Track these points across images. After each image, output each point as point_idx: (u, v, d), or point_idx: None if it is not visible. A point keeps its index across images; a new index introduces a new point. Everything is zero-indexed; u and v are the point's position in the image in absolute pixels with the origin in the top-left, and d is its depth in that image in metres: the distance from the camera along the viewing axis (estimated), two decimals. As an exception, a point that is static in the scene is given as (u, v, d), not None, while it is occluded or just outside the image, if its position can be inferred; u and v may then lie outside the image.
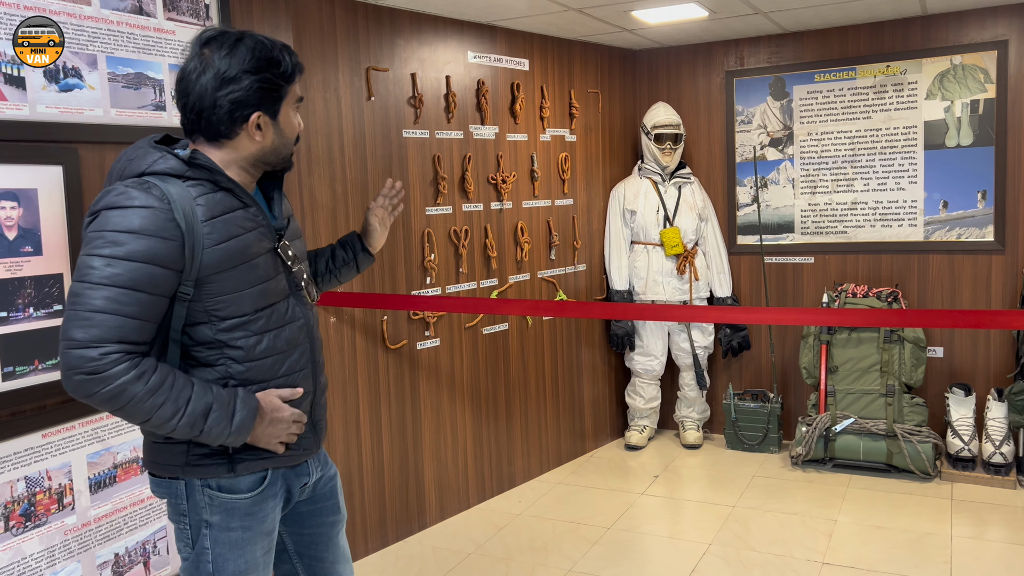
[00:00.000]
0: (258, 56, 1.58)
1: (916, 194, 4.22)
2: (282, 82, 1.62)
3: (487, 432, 3.89)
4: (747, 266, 4.64)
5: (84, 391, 1.47)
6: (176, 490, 1.66)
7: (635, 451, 4.56)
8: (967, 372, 4.19)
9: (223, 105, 1.56)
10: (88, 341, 1.46)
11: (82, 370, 1.46)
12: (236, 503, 1.66)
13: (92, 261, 1.47)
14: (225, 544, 1.66)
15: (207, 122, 1.59)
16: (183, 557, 1.70)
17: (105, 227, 1.48)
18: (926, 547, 3.26)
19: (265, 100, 1.60)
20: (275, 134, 1.65)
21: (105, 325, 1.46)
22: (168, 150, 1.58)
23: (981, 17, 4.00)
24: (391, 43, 3.37)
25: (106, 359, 1.46)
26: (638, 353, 4.55)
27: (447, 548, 3.41)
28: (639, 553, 3.32)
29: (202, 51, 1.58)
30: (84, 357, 1.46)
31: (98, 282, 1.46)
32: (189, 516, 1.66)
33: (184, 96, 1.60)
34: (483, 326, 3.83)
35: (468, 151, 3.72)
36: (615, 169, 4.63)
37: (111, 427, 2.31)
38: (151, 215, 1.49)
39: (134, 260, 1.48)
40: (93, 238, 1.49)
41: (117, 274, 1.47)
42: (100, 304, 1.46)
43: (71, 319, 1.47)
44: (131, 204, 1.49)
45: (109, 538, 2.31)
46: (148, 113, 2.39)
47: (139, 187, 1.51)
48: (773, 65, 4.46)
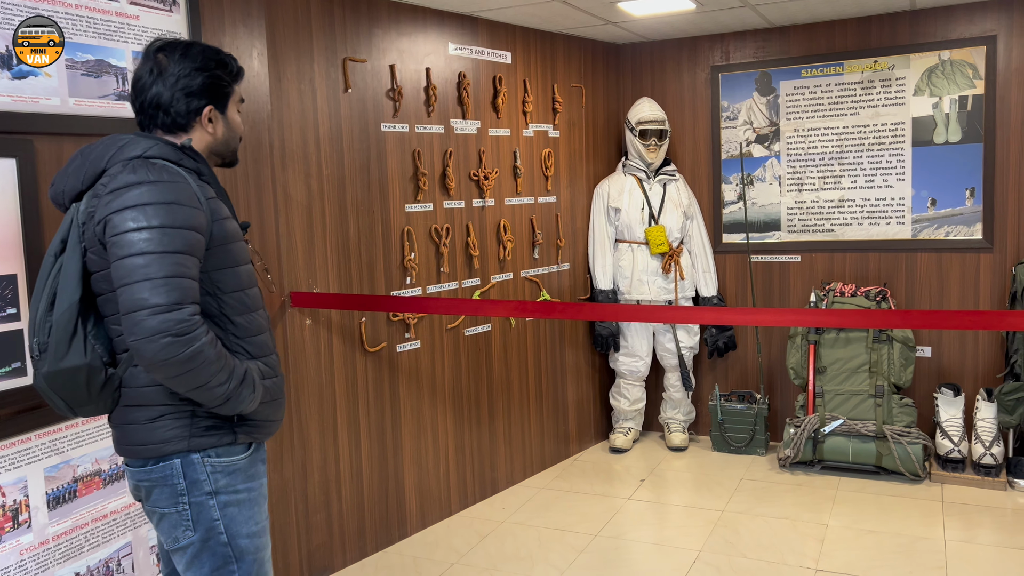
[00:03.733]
0: (209, 57, 1.76)
1: (904, 191, 4.16)
2: (229, 80, 1.80)
3: (469, 436, 3.77)
4: (733, 265, 4.56)
5: (168, 354, 1.54)
6: (172, 471, 1.70)
7: (620, 454, 4.46)
8: (956, 372, 4.14)
9: (180, 98, 1.72)
10: (173, 304, 1.54)
11: (171, 332, 1.53)
12: (237, 464, 1.75)
13: (145, 233, 1.56)
14: (235, 507, 1.74)
15: (165, 114, 1.73)
16: (182, 544, 1.71)
17: (144, 200, 1.57)
18: (920, 552, 3.19)
19: (216, 96, 1.77)
20: (224, 127, 1.81)
21: (181, 288, 1.57)
22: (158, 138, 1.70)
23: (970, 12, 3.95)
24: (369, 33, 3.24)
25: (192, 319, 1.57)
26: (623, 354, 4.45)
27: (428, 558, 3.29)
28: (628, 561, 3.22)
29: (156, 56, 1.74)
30: (172, 319, 1.54)
31: (162, 250, 1.56)
32: (189, 495, 1.70)
33: (140, 94, 1.74)
34: (465, 327, 3.71)
35: (449, 146, 3.60)
36: (599, 166, 4.52)
37: (70, 438, 2.16)
38: (181, 187, 1.63)
39: (182, 227, 1.60)
40: (133, 212, 1.56)
41: (174, 240, 1.58)
42: (172, 269, 1.56)
43: (147, 287, 1.53)
44: (160, 179, 1.61)
45: (69, 557, 2.17)
46: (110, 103, 2.24)
47: (155, 166, 1.62)
48: (759, 60, 4.38)
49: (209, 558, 1.72)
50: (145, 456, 1.70)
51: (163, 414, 1.69)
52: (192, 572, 1.74)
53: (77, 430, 2.17)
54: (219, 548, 1.72)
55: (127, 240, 1.55)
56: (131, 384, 1.70)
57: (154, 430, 1.69)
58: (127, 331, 1.55)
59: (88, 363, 1.65)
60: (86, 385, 1.66)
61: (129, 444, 1.72)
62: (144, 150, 1.66)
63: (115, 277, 1.57)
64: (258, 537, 1.78)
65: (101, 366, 1.68)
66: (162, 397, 1.69)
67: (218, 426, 1.72)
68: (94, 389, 1.68)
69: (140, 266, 1.54)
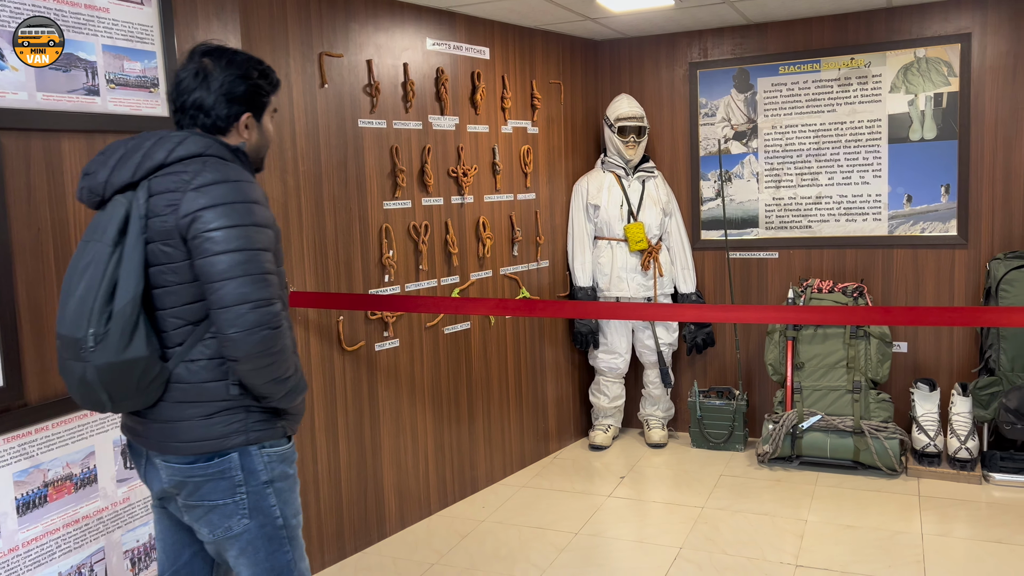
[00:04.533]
0: (252, 67, 1.83)
1: (880, 188, 4.19)
2: (269, 89, 1.87)
3: (449, 435, 3.74)
4: (711, 261, 4.57)
5: (264, 345, 1.66)
6: (230, 465, 1.76)
7: (600, 451, 4.45)
8: (931, 367, 4.18)
9: (221, 103, 1.79)
10: (270, 299, 1.67)
11: (269, 325, 1.66)
12: (286, 452, 1.85)
13: (240, 231, 1.65)
14: (286, 492, 1.84)
15: (206, 116, 1.79)
16: (236, 533, 1.77)
17: (231, 199, 1.66)
18: (898, 546, 3.21)
19: (254, 104, 1.84)
20: (259, 134, 1.88)
21: (272, 284, 1.69)
22: (214, 138, 1.77)
23: (945, 10, 3.98)
24: (345, 27, 3.19)
25: (281, 313, 1.71)
26: (602, 351, 4.44)
27: (408, 559, 3.25)
28: (609, 559, 3.21)
29: (202, 60, 1.80)
30: (270, 313, 1.66)
31: (259, 247, 1.67)
32: (247, 485, 1.77)
33: (183, 95, 1.80)
34: (444, 325, 3.67)
35: (427, 142, 3.56)
36: (577, 162, 4.51)
37: (40, 442, 2.10)
38: (256, 188, 1.73)
39: (265, 226, 1.71)
40: (223, 209, 1.64)
41: (265, 238, 1.70)
42: (266, 266, 1.68)
43: (249, 283, 1.64)
44: (241, 178, 1.70)
45: (40, 563, 2.11)
46: (79, 98, 2.18)
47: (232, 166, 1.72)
48: (737, 57, 4.38)
49: (264, 543, 1.80)
50: (202, 452, 1.74)
51: (219, 410, 1.74)
52: (247, 558, 1.80)
53: (47, 433, 2.11)
54: (275, 532, 1.81)
55: (222, 236, 1.63)
56: (187, 380, 1.73)
57: (212, 426, 1.74)
58: (226, 324, 1.63)
59: (148, 355, 1.68)
60: (138, 378, 1.68)
61: (181, 441, 1.73)
62: (204, 148, 1.73)
63: (210, 272, 1.64)
64: (299, 515, 1.89)
65: (158, 359, 1.71)
66: (220, 393, 1.74)
67: (269, 420, 1.81)
68: (143, 383, 1.69)
69: (240, 262, 1.64)
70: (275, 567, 1.82)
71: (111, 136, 2.24)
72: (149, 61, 2.35)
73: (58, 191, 2.14)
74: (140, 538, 2.35)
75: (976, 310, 3.48)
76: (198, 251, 1.64)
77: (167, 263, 1.69)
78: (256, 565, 1.81)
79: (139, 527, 2.35)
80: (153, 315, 1.73)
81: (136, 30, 2.32)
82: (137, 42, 2.32)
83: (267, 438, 1.80)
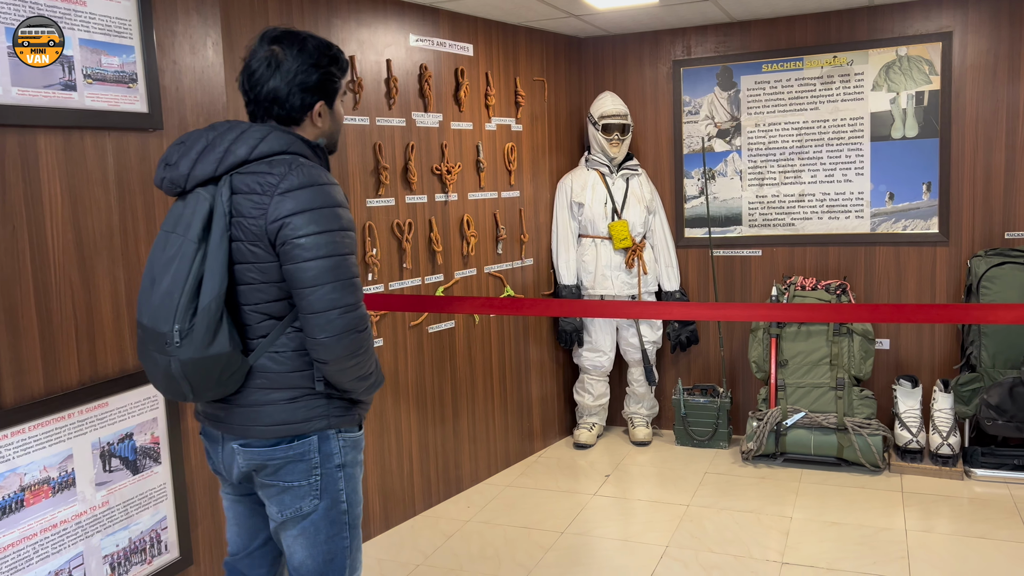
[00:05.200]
0: (323, 53, 1.82)
1: (863, 186, 4.20)
2: (340, 75, 1.87)
3: (433, 435, 3.71)
4: (695, 259, 4.57)
5: (355, 347, 1.73)
6: (309, 447, 1.82)
7: (584, 449, 4.44)
8: (913, 364, 4.20)
9: (295, 93, 1.79)
10: (358, 302, 1.73)
11: (358, 328, 1.72)
12: (357, 438, 1.93)
13: (328, 237, 1.68)
14: (353, 479, 1.91)
15: (280, 107, 1.80)
16: (305, 512, 1.83)
17: (318, 204, 1.69)
18: (882, 542, 3.22)
19: (327, 91, 1.84)
20: (331, 121, 1.89)
21: (359, 287, 1.75)
22: (295, 134, 1.79)
23: (926, 8, 4.00)
24: (327, 23, 3.15)
25: (366, 314, 1.77)
26: (587, 349, 4.43)
27: (393, 560, 3.22)
28: (595, 558, 3.20)
29: (271, 48, 1.79)
30: (359, 316, 1.73)
31: (346, 252, 1.72)
32: (322, 467, 1.84)
33: (257, 86, 1.79)
34: (428, 324, 3.64)
35: (411, 139, 3.53)
36: (561, 160, 4.49)
37: (16, 446, 2.05)
38: (339, 190, 1.76)
39: (349, 229, 1.75)
40: (313, 215, 1.68)
41: (351, 243, 1.74)
42: (353, 270, 1.73)
43: (338, 289, 1.69)
44: (328, 182, 1.73)
45: (17, 569, 2.06)
46: (56, 93, 2.13)
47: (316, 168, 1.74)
48: (720, 55, 4.38)
49: (327, 526, 1.86)
50: (284, 435, 1.80)
51: (303, 395, 1.80)
52: (306, 539, 1.85)
53: (23, 436, 2.06)
54: (339, 516, 1.88)
55: (313, 243, 1.67)
56: (272, 370, 1.79)
57: (296, 410, 1.80)
58: (317, 329, 1.69)
59: (231, 351, 1.72)
60: (220, 372, 1.73)
61: (264, 424, 1.79)
62: (287, 145, 1.75)
63: (300, 278, 1.68)
64: (361, 505, 1.95)
65: (240, 354, 1.75)
66: (304, 382, 1.80)
67: (347, 408, 1.87)
68: (225, 376, 1.74)
69: (330, 268, 1.68)
70: (331, 551, 1.87)
71: (89, 133, 2.19)
72: (127, 56, 2.30)
73: (34, 188, 2.08)
74: (120, 542, 2.31)
75: (960, 307, 3.51)
76: (287, 257, 1.68)
77: (253, 262, 1.73)
78: (314, 547, 1.86)
79: (119, 531, 2.30)
80: (236, 309, 1.78)
81: (114, 24, 2.27)
82: (115, 36, 2.27)
83: (344, 424, 1.87)
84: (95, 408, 2.22)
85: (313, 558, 1.87)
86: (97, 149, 2.23)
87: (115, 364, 2.27)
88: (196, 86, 2.51)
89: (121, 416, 2.29)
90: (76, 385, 2.18)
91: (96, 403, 2.22)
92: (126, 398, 2.30)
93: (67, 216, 2.15)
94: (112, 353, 2.27)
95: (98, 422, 2.23)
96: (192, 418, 2.52)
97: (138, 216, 2.33)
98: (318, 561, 1.87)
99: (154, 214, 2.38)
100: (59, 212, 2.14)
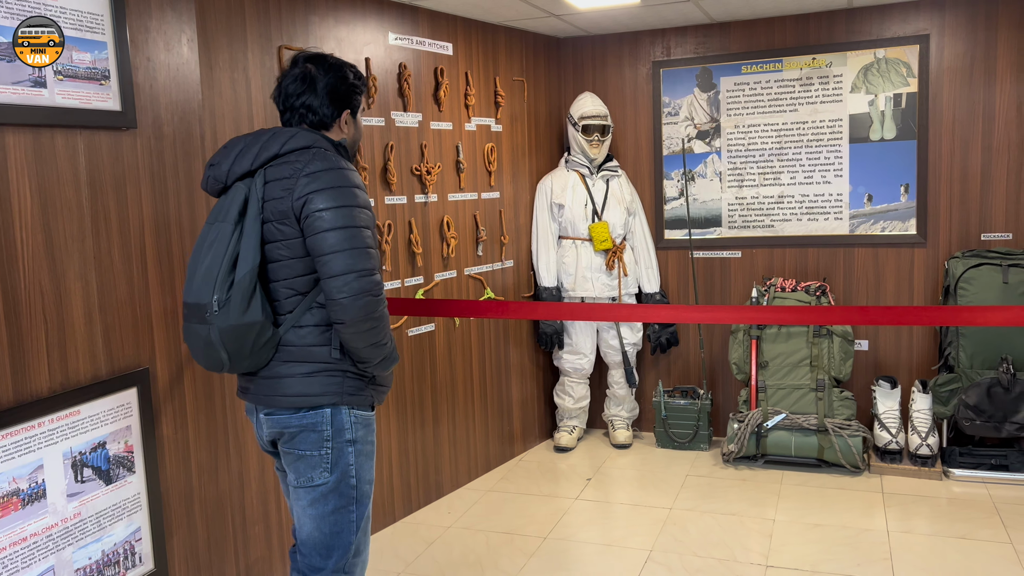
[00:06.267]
0: (348, 70, 2.11)
1: (841, 187, 4.22)
2: (361, 89, 2.15)
3: (413, 440, 3.65)
4: (675, 261, 4.56)
5: (368, 310, 1.90)
6: (322, 419, 2.00)
7: (565, 453, 4.41)
8: (892, 365, 4.22)
9: (326, 103, 2.06)
10: (373, 269, 1.91)
11: (371, 292, 1.90)
12: (370, 418, 2.10)
13: (345, 211, 1.90)
14: (364, 456, 2.07)
15: (313, 115, 2.06)
16: (317, 483, 2.01)
17: (337, 183, 1.91)
18: (865, 543, 3.22)
19: (351, 103, 2.12)
20: (355, 129, 2.16)
21: (374, 256, 1.94)
22: (320, 134, 2.03)
23: (904, 11, 4.02)
24: (305, 20, 3.09)
25: (381, 283, 1.95)
26: (567, 351, 4.40)
27: (373, 568, 3.16)
28: (579, 563, 3.16)
29: (306, 66, 2.07)
30: (372, 281, 1.91)
31: (361, 224, 1.92)
32: (333, 440, 2.01)
33: (292, 97, 2.06)
34: (408, 327, 3.59)
35: (390, 139, 3.47)
36: (541, 161, 4.46)
37: (-16, 456, 1.97)
38: (356, 175, 1.98)
39: (366, 207, 1.96)
40: (332, 193, 1.90)
41: (366, 218, 1.94)
42: (369, 241, 1.93)
43: (355, 255, 1.89)
44: (345, 167, 1.96)
45: (-17, 585, 1.98)
46: (25, 90, 2.05)
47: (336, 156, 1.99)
48: (700, 56, 4.38)
49: (336, 498, 2.02)
50: (300, 406, 1.99)
51: (321, 370, 1.98)
52: (316, 508, 2.02)
53: (-9, 447, 1.98)
54: (347, 490, 2.03)
55: (332, 215, 1.88)
56: (295, 343, 1.99)
57: (312, 384, 1.98)
58: (335, 290, 1.87)
59: (263, 320, 1.93)
60: (253, 340, 1.93)
61: (283, 395, 1.99)
62: (312, 141, 1.99)
63: (321, 246, 1.88)
64: (372, 485, 2.10)
65: (271, 324, 1.96)
66: (323, 356, 1.99)
67: (361, 388, 2.05)
68: (258, 344, 1.94)
69: (347, 237, 1.88)
70: (338, 523, 2.03)
71: (59, 131, 2.12)
72: (100, 52, 2.23)
73: (2, 188, 2.00)
74: (92, 555, 2.23)
75: (939, 309, 3.53)
76: (310, 229, 1.89)
77: (281, 239, 1.95)
78: (322, 518, 2.02)
79: (91, 544, 2.22)
80: (267, 287, 2.00)
81: (86, 19, 2.19)
82: (87, 32, 2.19)
83: (356, 403, 2.04)
84: (66, 416, 2.14)
85: (320, 530, 2.03)
86: (68, 148, 2.15)
87: (87, 370, 2.20)
88: (171, 84, 2.44)
89: (93, 424, 2.21)
90: (46, 392, 2.10)
91: (67, 411, 2.14)
92: (98, 405, 2.22)
93: (36, 217, 2.07)
94: (84, 359, 2.19)
95: (69, 431, 2.15)
96: (167, 426, 2.45)
97: (111, 218, 2.26)
98: (324, 533, 2.03)
99: (127, 215, 2.30)
100: (28, 213, 2.06)
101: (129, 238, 2.31)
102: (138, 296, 2.34)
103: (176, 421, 2.48)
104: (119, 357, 2.29)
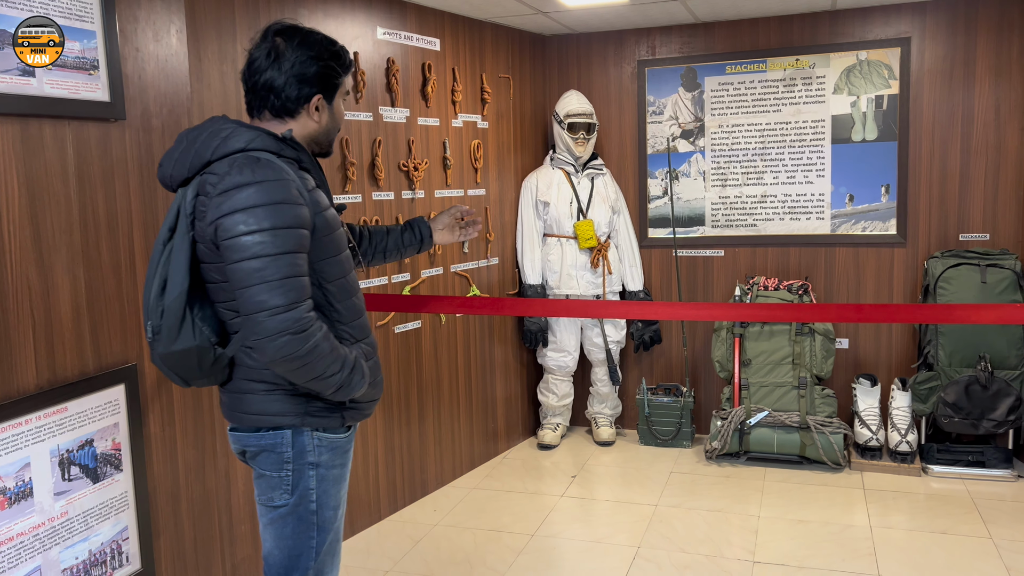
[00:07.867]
0: (324, 47, 1.81)
1: (823, 187, 4.26)
2: (341, 71, 1.85)
3: (399, 437, 3.63)
4: (658, 259, 4.57)
5: (288, 351, 1.62)
6: (281, 440, 1.82)
7: (549, 450, 4.41)
8: (872, 363, 4.28)
9: (292, 84, 1.77)
10: (291, 304, 1.63)
11: (289, 331, 1.62)
12: (339, 442, 1.88)
13: (258, 236, 1.61)
14: (328, 481, 1.87)
15: (276, 97, 1.78)
16: (275, 505, 1.85)
17: (253, 202, 1.62)
18: (849, 539, 3.26)
19: (326, 86, 1.82)
20: (329, 117, 1.86)
21: (296, 288, 1.64)
22: (260, 129, 1.74)
23: (886, 14, 4.07)
24: (294, 13, 3.05)
25: (308, 316, 1.66)
26: (551, 349, 4.40)
27: (360, 567, 3.14)
28: (568, 561, 3.16)
29: (275, 39, 1.78)
30: (290, 318, 1.62)
31: (275, 252, 1.62)
32: (293, 463, 1.82)
33: (255, 75, 1.79)
34: (395, 324, 3.57)
35: (378, 135, 3.44)
36: (526, 158, 4.45)
37: (-31, 454, 1.92)
38: (286, 185, 1.66)
39: (291, 227, 1.65)
40: (243, 216, 1.61)
41: (286, 241, 1.63)
42: (286, 270, 1.63)
43: (265, 290, 1.61)
44: (267, 178, 1.64)
45: (-32, 586, 1.93)
46: (12, 79, 2.00)
47: (261, 164, 1.66)
48: (685, 55, 4.40)
49: (294, 522, 1.85)
50: (258, 425, 1.82)
51: (278, 388, 1.79)
52: (274, 529, 1.87)
53: (-23, 445, 1.93)
54: (307, 515, 1.85)
55: (240, 244, 1.61)
56: (245, 364, 1.80)
57: (271, 402, 1.80)
58: (249, 331, 1.64)
59: (197, 345, 1.74)
60: (198, 364, 1.76)
61: (243, 412, 1.83)
62: (247, 142, 1.70)
63: (232, 280, 1.64)
64: (338, 511, 1.92)
65: (210, 347, 1.76)
66: (279, 376, 1.78)
67: (330, 409, 1.83)
68: (205, 366, 1.77)
69: (256, 269, 1.61)
70: (296, 547, 1.87)
71: (48, 121, 2.07)
72: (88, 41, 2.18)
73: (-12, 180, 1.95)
74: (79, 555, 2.18)
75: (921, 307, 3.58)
76: (224, 258, 1.66)
77: (211, 262, 1.73)
78: (280, 540, 1.87)
79: (78, 543, 2.18)
80: (213, 305, 1.80)
81: (74, 7, 2.14)
82: (76, 20, 2.15)
83: (324, 425, 1.84)
84: (53, 413, 2.09)
85: (280, 550, 1.89)
86: (56, 139, 2.10)
87: (75, 367, 2.15)
88: (159, 75, 2.40)
89: (81, 422, 2.17)
90: (33, 389, 2.05)
91: (55, 408, 2.09)
92: (86, 402, 2.17)
93: (24, 210, 2.02)
94: (72, 355, 2.14)
95: (57, 428, 2.10)
96: (155, 423, 2.40)
97: (99, 211, 2.21)
98: (284, 554, 1.89)
99: (115, 209, 2.26)
100: (15, 206, 2.01)
101: (117, 232, 2.27)
102: (126, 291, 2.29)
103: (163, 418, 2.44)
104: (107, 353, 2.24)
